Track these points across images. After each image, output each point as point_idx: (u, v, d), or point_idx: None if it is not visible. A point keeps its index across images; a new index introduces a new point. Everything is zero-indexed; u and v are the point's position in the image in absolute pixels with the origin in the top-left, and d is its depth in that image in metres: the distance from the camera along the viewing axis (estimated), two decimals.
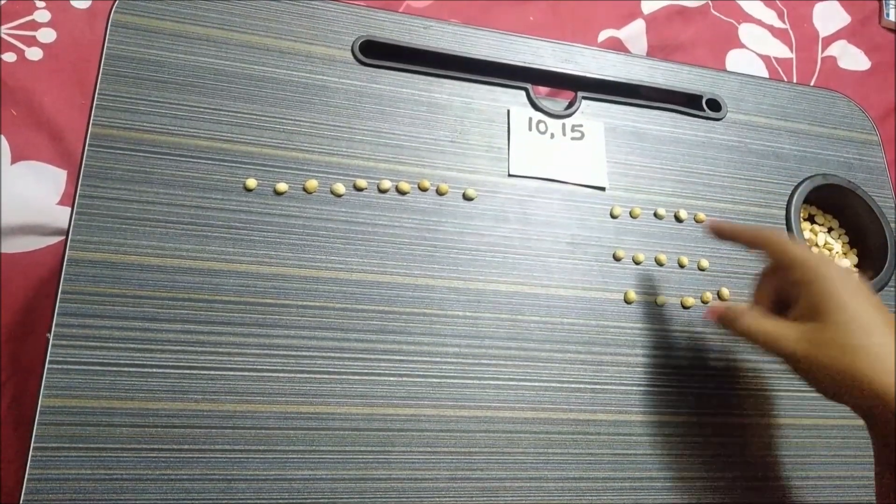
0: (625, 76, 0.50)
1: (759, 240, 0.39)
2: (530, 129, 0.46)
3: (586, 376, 0.41)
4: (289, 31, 0.43)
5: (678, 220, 0.46)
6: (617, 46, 0.84)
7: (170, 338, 0.35)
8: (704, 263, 0.46)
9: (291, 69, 0.42)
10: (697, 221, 0.47)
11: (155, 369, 0.35)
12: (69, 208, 0.36)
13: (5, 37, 0.65)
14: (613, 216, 0.45)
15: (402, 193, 0.42)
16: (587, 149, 0.46)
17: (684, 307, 0.44)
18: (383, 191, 0.41)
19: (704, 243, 0.46)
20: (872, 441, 0.35)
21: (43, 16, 0.67)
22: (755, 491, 0.41)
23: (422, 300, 0.40)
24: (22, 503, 0.32)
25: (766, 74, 0.87)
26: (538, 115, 0.46)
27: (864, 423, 0.35)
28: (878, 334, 0.33)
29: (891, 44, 0.95)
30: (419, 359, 0.38)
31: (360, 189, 0.41)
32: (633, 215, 0.45)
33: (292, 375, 0.36)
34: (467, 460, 0.37)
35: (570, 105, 0.48)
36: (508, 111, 0.46)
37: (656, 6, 0.88)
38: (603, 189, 0.46)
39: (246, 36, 0.42)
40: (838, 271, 0.35)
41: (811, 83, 0.88)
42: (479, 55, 0.47)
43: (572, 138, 0.47)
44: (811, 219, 0.53)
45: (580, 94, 0.48)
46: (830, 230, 0.52)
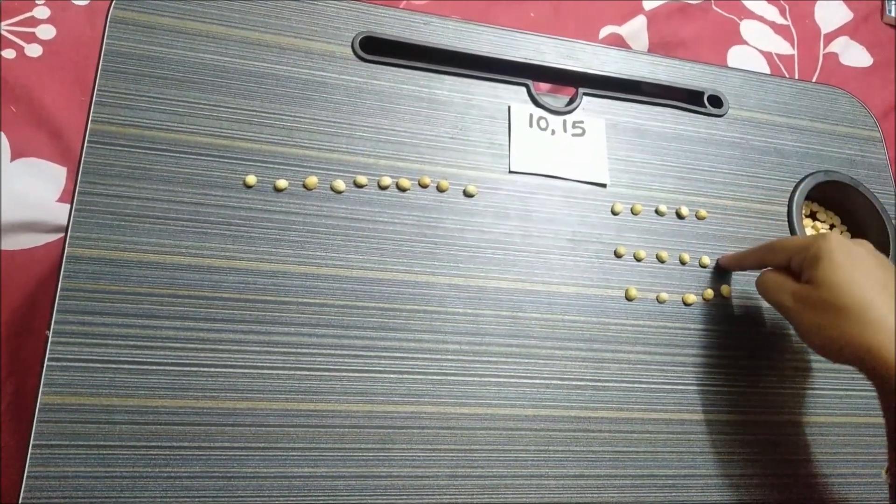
0: (626, 72, 0.49)
1: (763, 254, 0.41)
2: (531, 126, 0.46)
3: (587, 373, 0.41)
4: (289, 28, 0.43)
5: (680, 216, 0.46)
6: (618, 43, 0.84)
7: (169, 335, 0.35)
8: (706, 260, 0.45)
9: (291, 65, 0.42)
10: (699, 218, 0.47)
11: (154, 366, 0.35)
12: (69, 205, 0.36)
13: (5, 33, 0.64)
14: (615, 213, 0.45)
15: (403, 190, 0.41)
16: (588, 145, 0.46)
17: (686, 304, 0.44)
18: (383, 187, 0.41)
19: (706, 240, 0.46)
20: (881, 407, 0.36)
21: (42, 12, 0.67)
22: (758, 488, 0.41)
23: (422, 297, 0.39)
24: (21, 501, 0.32)
25: (767, 71, 0.87)
26: (539, 112, 0.46)
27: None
28: (869, 296, 0.34)
29: (893, 40, 0.95)
30: (419, 356, 0.38)
31: (360, 186, 0.41)
32: (634, 212, 0.45)
33: (292, 373, 0.36)
34: (468, 458, 0.37)
35: (571, 101, 0.47)
36: (509, 107, 0.46)
37: (657, 3, 0.88)
38: (604, 186, 0.46)
39: (245, 32, 0.42)
40: (837, 241, 0.36)
41: (813, 80, 0.88)
42: (479, 51, 0.46)
43: (573, 135, 0.46)
44: (813, 215, 0.53)
45: (581, 90, 0.48)
46: (832, 227, 0.52)
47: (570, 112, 0.47)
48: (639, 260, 0.44)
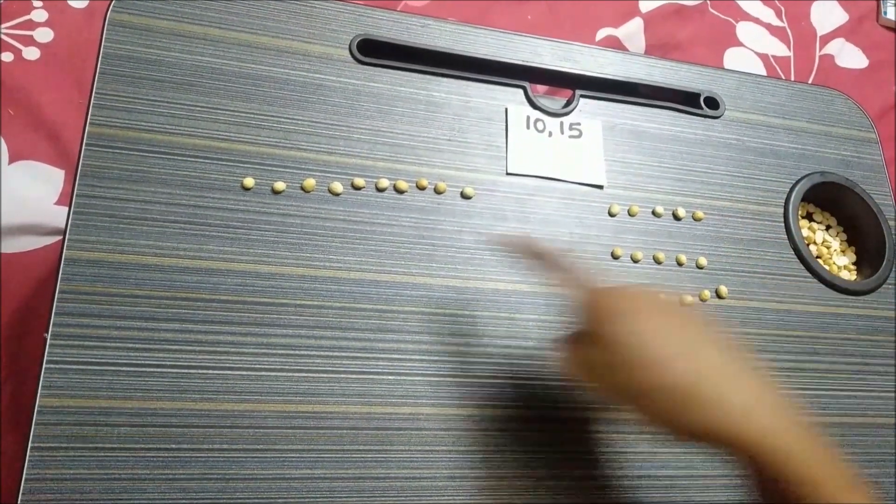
0: (623, 74, 0.50)
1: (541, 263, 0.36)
2: (528, 128, 0.46)
3: None
4: (286, 30, 0.43)
5: (676, 218, 0.46)
6: (615, 45, 0.84)
7: (167, 337, 0.35)
8: (702, 261, 0.46)
9: (289, 68, 0.42)
10: (696, 219, 0.47)
11: (153, 369, 0.35)
12: (67, 208, 0.36)
13: (3, 36, 0.64)
14: (611, 214, 0.45)
15: (400, 192, 0.42)
16: (585, 147, 0.46)
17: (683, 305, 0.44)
18: (381, 189, 0.41)
19: (703, 241, 0.46)
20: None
21: (40, 15, 0.67)
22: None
23: (420, 299, 0.40)
24: (20, 502, 0.32)
25: (764, 73, 0.87)
26: (536, 114, 0.46)
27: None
28: (627, 344, 0.31)
29: (889, 42, 0.95)
30: (417, 357, 0.38)
31: (357, 188, 0.41)
32: (631, 213, 0.45)
33: (290, 374, 0.36)
34: (466, 459, 0.37)
35: (568, 103, 0.48)
36: (506, 109, 0.46)
37: (654, 5, 0.88)
38: (601, 187, 0.46)
39: (243, 35, 0.42)
40: (596, 295, 0.33)
41: (809, 81, 0.88)
42: (476, 53, 0.46)
43: (570, 136, 0.47)
44: (809, 216, 0.53)
45: (578, 92, 0.48)
46: (828, 228, 0.53)
47: (567, 114, 0.47)
48: (636, 261, 0.44)
